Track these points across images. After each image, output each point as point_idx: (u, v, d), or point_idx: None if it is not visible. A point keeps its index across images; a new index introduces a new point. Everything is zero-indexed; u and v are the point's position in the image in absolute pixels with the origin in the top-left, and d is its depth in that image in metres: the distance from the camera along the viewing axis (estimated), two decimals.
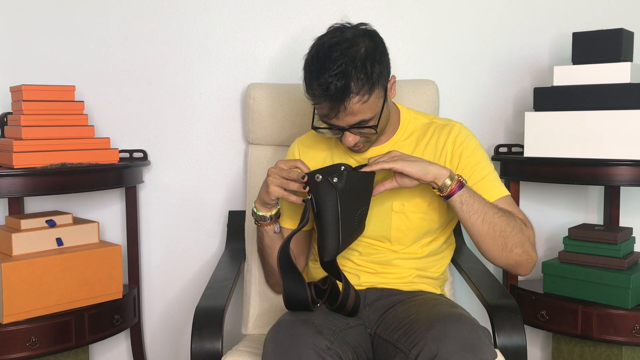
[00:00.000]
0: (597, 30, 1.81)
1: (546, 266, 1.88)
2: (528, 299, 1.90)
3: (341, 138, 1.41)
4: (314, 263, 1.59)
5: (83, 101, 1.89)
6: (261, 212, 1.48)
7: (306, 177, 1.35)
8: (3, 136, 1.90)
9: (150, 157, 2.09)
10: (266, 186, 1.41)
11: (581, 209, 2.14)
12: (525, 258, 1.42)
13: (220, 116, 2.08)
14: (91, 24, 2.05)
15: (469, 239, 1.87)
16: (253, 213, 1.49)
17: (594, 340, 1.80)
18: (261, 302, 1.76)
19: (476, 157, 1.47)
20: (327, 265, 1.39)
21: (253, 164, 1.88)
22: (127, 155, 2.04)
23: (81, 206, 2.10)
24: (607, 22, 2.04)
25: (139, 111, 2.08)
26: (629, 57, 1.81)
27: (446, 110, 2.06)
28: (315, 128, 1.43)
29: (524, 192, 2.10)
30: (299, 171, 1.38)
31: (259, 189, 1.52)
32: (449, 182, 1.36)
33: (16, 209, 2.00)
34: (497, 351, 1.36)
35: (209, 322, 1.40)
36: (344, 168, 1.34)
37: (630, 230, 1.88)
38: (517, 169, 1.94)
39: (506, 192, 1.47)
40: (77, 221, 1.90)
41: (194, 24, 2.06)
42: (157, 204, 2.11)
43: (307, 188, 1.36)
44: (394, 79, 1.43)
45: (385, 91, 1.39)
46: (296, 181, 1.37)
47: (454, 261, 1.79)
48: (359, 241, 1.48)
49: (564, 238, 1.88)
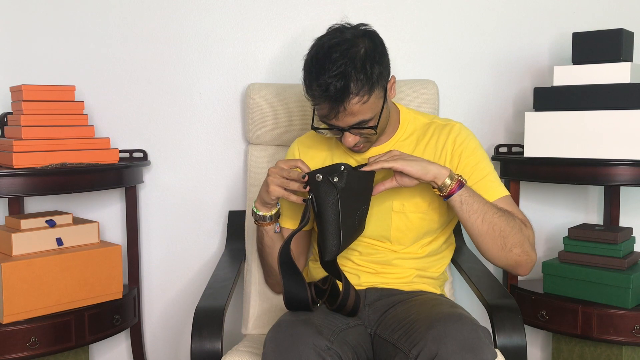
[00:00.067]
0: (597, 30, 1.81)
1: (546, 266, 1.88)
2: (528, 299, 1.90)
3: (341, 138, 1.41)
4: (314, 263, 1.59)
5: (83, 101, 1.89)
6: (261, 211, 1.48)
7: (307, 177, 1.35)
8: (3, 136, 1.90)
9: (150, 157, 2.08)
10: (266, 186, 1.41)
11: (581, 209, 2.14)
12: (524, 258, 1.42)
13: (220, 116, 2.08)
14: (91, 24, 2.05)
15: (469, 239, 1.87)
16: (253, 213, 1.49)
17: (594, 340, 1.80)
18: (261, 302, 1.76)
19: (476, 157, 1.47)
20: (327, 265, 1.39)
21: (253, 164, 1.88)
22: (127, 155, 2.04)
23: (81, 206, 2.10)
24: (607, 22, 2.04)
25: (139, 111, 2.08)
26: (629, 57, 1.81)
27: (446, 110, 2.06)
28: (315, 128, 1.43)
29: (524, 192, 2.10)
30: (299, 171, 1.38)
31: (259, 189, 1.52)
32: (448, 181, 1.36)
33: (16, 209, 2.00)
34: (497, 351, 1.36)
35: (209, 322, 1.40)
36: (344, 167, 1.34)
37: (630, 230, 1.88)
38: (517, 169, 1.94)
39: (506, 192, 1.47)
40: (77, 221, 1.90)
41: (194, 24, 2.06)
42: (157, 204, 2.11)
43: (307, 188, 1.36)
44: (394, 79, 1.43)
45: (385, 91, 1.39)
46: (296, 181, 1.37)
47: (454, 261, 1.79)
48: (359, 241, 1.48)
49: (564, 238, 1.88)
